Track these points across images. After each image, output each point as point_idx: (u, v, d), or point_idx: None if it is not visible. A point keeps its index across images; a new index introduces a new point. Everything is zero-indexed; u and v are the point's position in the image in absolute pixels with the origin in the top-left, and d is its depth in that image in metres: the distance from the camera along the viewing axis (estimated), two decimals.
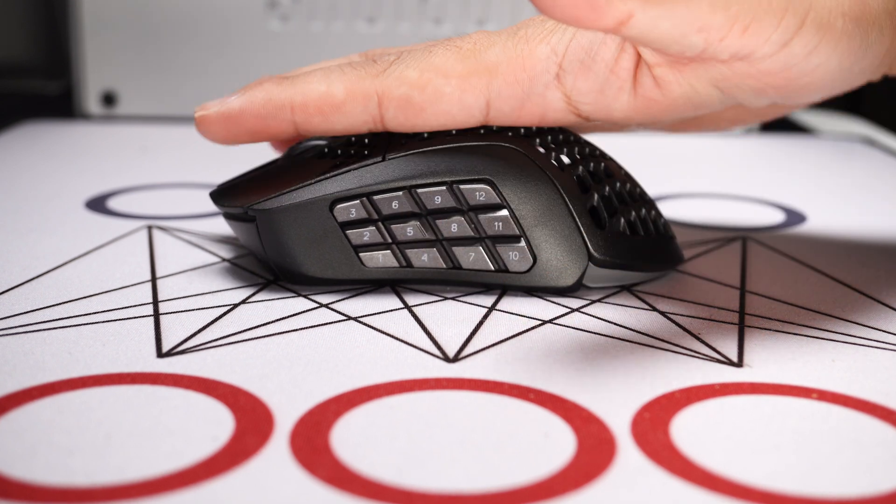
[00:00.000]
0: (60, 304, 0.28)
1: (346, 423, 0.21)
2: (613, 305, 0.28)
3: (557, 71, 0.26)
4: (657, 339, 0.26)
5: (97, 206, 0.39)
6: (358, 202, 0.28)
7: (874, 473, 0.19)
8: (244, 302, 0.28)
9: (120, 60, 0.60)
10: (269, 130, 0.28)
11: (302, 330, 0.26)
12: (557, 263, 0.28)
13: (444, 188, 0.27)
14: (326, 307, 0.28)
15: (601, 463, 0.19)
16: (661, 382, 0.23)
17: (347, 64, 0.28)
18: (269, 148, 0.34)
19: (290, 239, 0.28)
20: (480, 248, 0.28)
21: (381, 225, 0.28)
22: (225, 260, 0.32)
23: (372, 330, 0.26)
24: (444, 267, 0.28)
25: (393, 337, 0.26)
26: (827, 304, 0.29)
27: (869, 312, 0.28)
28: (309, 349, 0.25)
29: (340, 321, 0.27)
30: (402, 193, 0.27)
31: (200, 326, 0.26)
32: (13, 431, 0.20)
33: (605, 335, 0.26)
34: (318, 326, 0.26)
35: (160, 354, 0.24)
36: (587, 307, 0.28)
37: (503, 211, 0.27)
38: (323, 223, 0.28)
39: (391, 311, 0.27)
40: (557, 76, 0.26)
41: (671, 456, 0.20)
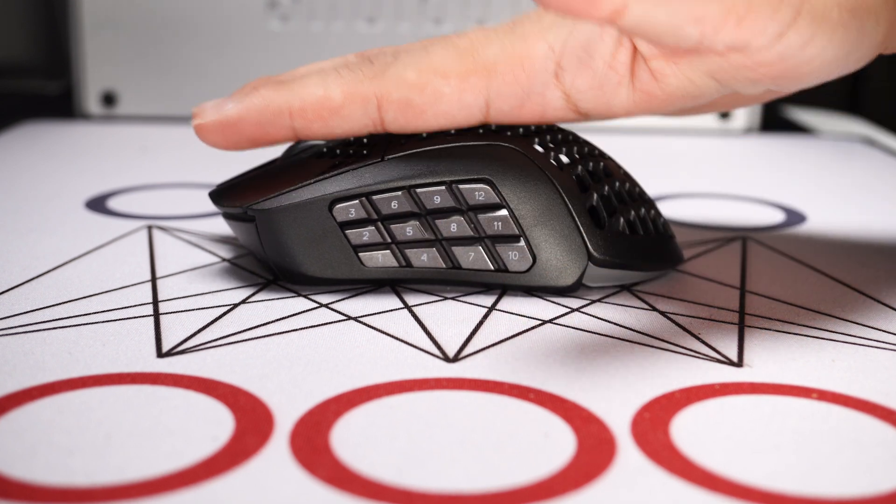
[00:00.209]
0: (60, 304, 0.28)
1: (346, 423, 0.21)
2: (613, 305, 0.28)
3: (556, 69, 0.26)
4: (657, 339, 0.26)
5: (97, 206, 0.39)
6: (357, 202, 0.28)
7: (874, 473, 0.19)
8: (244, 302, 0.28)
9: (120, 60, 0.60)
10: (268, 137, 0.28)
11: (302, 330, 0.26)
12: (557, 263, 0.28)
13: (443, 188, 0.27)
14: (326, 307, 0.28)
15: (601, 463, 0.19)
16: (661, 382, 0.23)
17: (343, 65, 0.28)
18: (265, 148, 0.33)
19: (289, 239, 0.28)
20: (480, 247, 0.28)
21: (380, 225, 0.28)
22: (225, 260, 0.32)
23: (372, 330, 0.26)
24: (443, 267, 0.28)
25: (393, 337, 0.26)
26: (827, 304, 0.29)
27: (869, 312, 0.28)
28: (309, 349, 0.25)
29: (340, 321, 0.27)
30: (401, 193, 0.27)
31: (200, 326, 0.26)
32: (13, 431, 0.20)
33: (605, 335, 0.26)
34: (318, 326, 0.26)
35: (160, 354, 0.24)
36: (587, 307, 0.28)
37: (502, 211, 0.27)
38: (322, 223, 0.28)
39: (391, 311, 0.27)
40: (556, 74, 0.26)
41: (671, 456, 0.20)
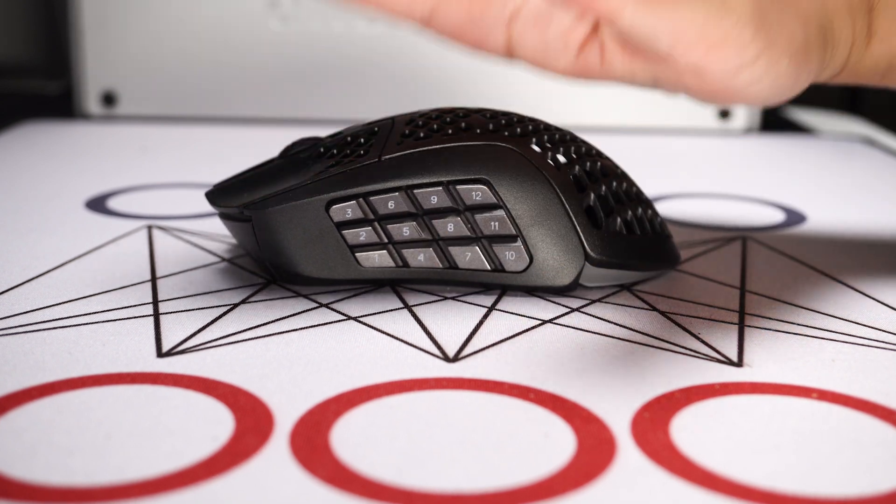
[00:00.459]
0: (60, 304, 0.28)
1: (346, 423, 0.21)
2: (613, 305, 0.28)
3: (511, 15, 0.26)
4: (657, 339, 0.26)
5: (97, 206, 0.39)
6: (354, 202, 0.28)
7: (874, 473, 0.19)
8: (244, 302, 0.28)
9: (120, 60, 0.60)
10: None
11: (302, 330, 0.26)
12: (554, 263, 0.28)
13: (440, 188, 0.27)
14: (326, 307, 0.28)
15: (601, 463, 0.19)
16: (661, 382, 0.23)
17: None
18: (265, 148, 0.33)
19: (285, 239, 0.28)
20: (477, 247, 0.28)
21: (377, 225, 0.28)
22: (225, 260, 0.32)
23: (372, 330, 0.26)
24: (440, 267, 0.28)
25: (393, 337, 0.26)
26: (827, 304, 0.29)
27: (869, 312, 0.28)
28: (309, 349, 0.25)
29: (340, 321, 0.27)
30: (398, 193, 0.27)
31: (200, 326, 0.26)
32: (13, 431, 0.20)
33: (605, 335, 0.26)
34: (318, 326, 0.26)
35: (160, 354, 0.24)
36: (587, 307, 0.28)
37: (499, 210, 0.27)
38: (319, 223, 0.28)
39: (391, 311, 0.27)
40: (510, 19, 0.26)
41: (671, 456, 0.20)
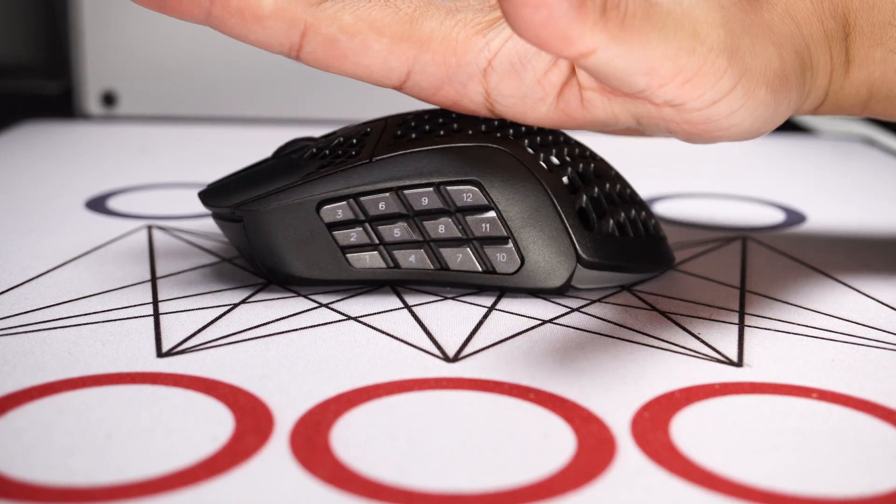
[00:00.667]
0: (60, 304, 0.28)
1: (346, 423, 0.21)
2: (613, 305, 0.28)
3: (486, 67, 0.26)
4: (657, 339, 0.26)
5: (97, 206, 0.39)
6: (345, 203, 0.27)
7: (874, 473, 0.19)
8: (244, 302, 0.28)
9: (120, 60, 0.60)
10: (180, 8, 0.26)
11: (302, 330, 0.26)
12: (545, 265, 0.28)
13: (431, 189, 0.27)
14: (326, 307, 0.28)
15: (601, 463, 0.19)
16: (661, 382, 0.23)
17: None
18: (264, 148, 0.33)
19: (277, 239, 0.28)
20: (468, 249, 0.28)
21: (367, 226, 0.28)
22: (225, 260, 0.32)
23: (372, 330, 0.26)
24: (431, 268, 0.28)
25: (393, 337, 0.26)
26: (827, 304, 0.29)
27: (869, 312, 0.28)
28: (309, 349, 0.25)
29: (340, 321, 0.27)
30: (388, 194, 0.27)
31: (200, 326, 0.26)
32: (13, 431, 0.20)
33: (605, 335, 0.26)
34: (318, 326, 0.26)
35: (160, 354, 0.24)
36: (587, 307, 0.28)
37: (490, 212, 0.27)
38: (310, 224, 0.28)
39: (391, 311, 0.27)
40: (484, 71, 0.26)
41: (671, 456, 0.20)
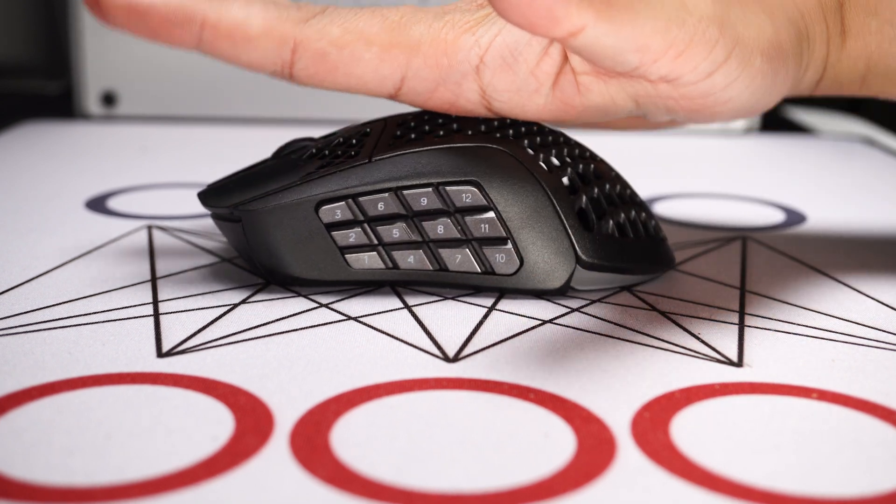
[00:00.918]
0: (60, 304, 0.28)
1: (346, 423, 0.21)
2: (613, 305, 0.28)
3: (478, 63, 0.26)
4: (657, 339, 0.26)
5: (97, 206, 0.39)
6: (343, 203, 0.27)
7: (874, 473, 0.19)
8: (244, 302, 0.28)
9: (120, 60, 0.60)
10: (171, 36, 0.26)
11: (302, 330, 0.26)
12: (545, 266, 0.28)
13: (430, 189, 0.27)
14: (326, 307, 0.28)
15: (601, 463, 0.19)
16: (661, 382, 0.23)
17: (272, 1, 0.27)
18: (264, 148, 0.33)
19: (275, 240, 0.28)
20: (467, 250, 0.28)
21: (366, 226, 0.28)
22: (225, 260, 0.32)
23: (372, 330, 0.26)
24: (430, 269, 0.28)
25: (393, 337, 0.26)
26: (827, 304, 0.29)
27: (869, 312, 0.28)
28: (309, 349, 0.25)
29: (340, 321, 0.27)
30: (387, 195, 0.27)
31: (200, 326, 0.26)
32: (13, 431, 0.20)
33: (605, 335, 0.26)
34: (318, 326, 0.26)
35: (160, 354, 0.24)
36: (587, 307, 0.28)
37: (489, 213, 0.27)
38: (308, 224, 0.28)
39: (391, 311, 0.27)
40: (477, 68, 0.26)
41: (671, 456, 0.20)
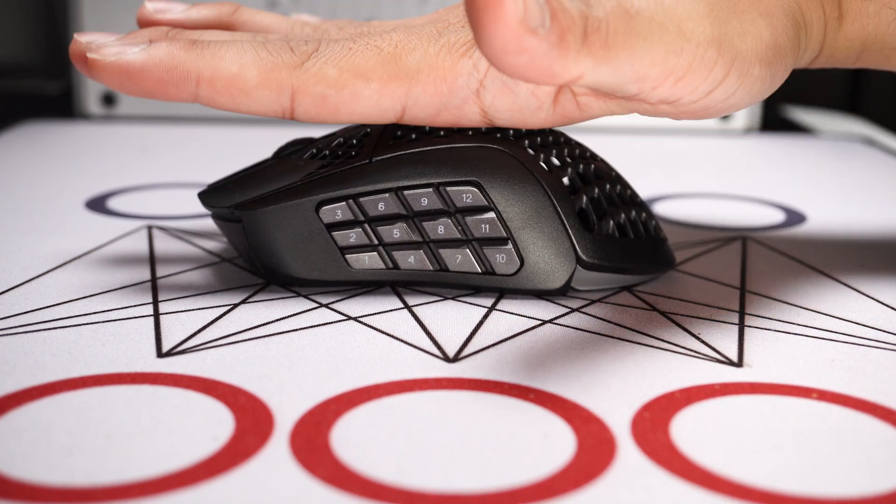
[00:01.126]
0: (60, 304, 0.28)
1: (346, 423, 0.21)
2: (613, 305, 0.28)
3: (478, 87, 0.26)
4: (657, 339, 0.26)
5: (97, 206, 0.39)
6: (344, 204, 0.27)
7: (874, 473, 0.19)
8: (244, 302, 0.28)
9: None
10: (167, 95, 0.26)
11: (302, 330, 0.26)
12: (545, 266, 0.28)
13: (430, 190, 0.27)
14: (326, 307, 0.28)
15: (601, 463, 0.19)
16: (661, 382, 0.23)
17: (262, 44, 0.27)
18: (264, 148, 0.33)
19: (275, 240, 0.28)
20: (467, 250, 0.28)
21: (367, 227, 0.28)
22: (225, 260, 0.32)
23: (372, 330, 0.26)
24: (430, 269, 0.28)
25: (393, 337, 0.26)
26: (827, 304, 0.29)
27: (869, 312, 0.28)
28: (309, 349, 0.25)
29: (340, 321, 0.27)
30: (388, 195, 0.27)
31: (200, 326, 0.26)
32: (13, 431, 0.20)
33: (605, 335, 0.26)
34: (318, 326, 0.26)
35: (160, 354, 0.24)
36: (587, 307, 0.28)
37: (490, 213, 0.27)
38: (309, 224, 0.28)
39: (391, 311, 0.27)
40: (477, 92, 0.26)
41: (671, 456, 0.20)
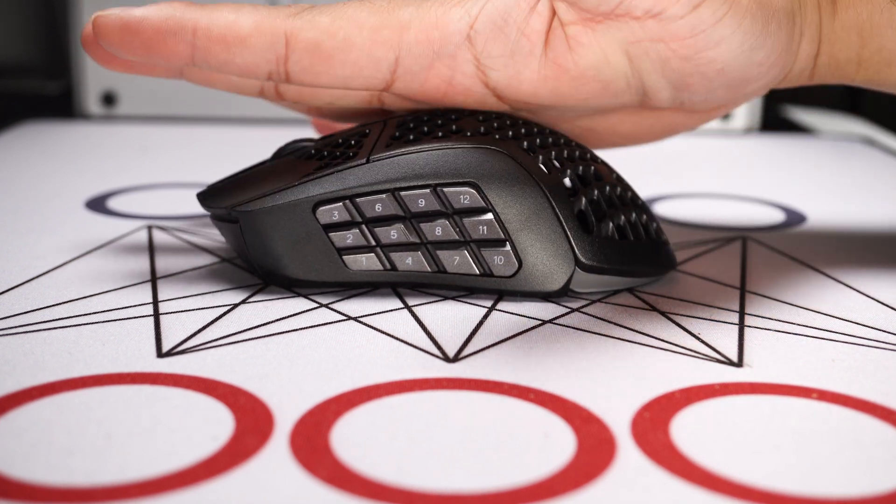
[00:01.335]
0: (60, 304, 0.28)
1: (346, 423, 0.21)
2: (613, 305, 0.28)
3: (469, 31, 0.27)
4: (657, 339, 0.26)
5: (97, 206, 0.39)
6: (341, 204, 0.27)
7: (874, 473, 0.19)
8: (244, 302, 0.28)
9: None
10: (165, 48, 0.27)
11: (302, 330, 0.26)
12: (543, 268, 0.28)
13: (428, 191, 0.27)
14: (326, 307, 0.28)
15: (601, 463, 0.19)
16: (661, 382, 0.23)
17: (260, 5, 0.27)
18: (265, 148, 0.34)
19: (273, 241, 0.28)
20: (465, 251, 0.28)
21: (364, 227, 0.28)
22: (225, 260, 0.32)
23: (372, 330, 0.26)
24: (428, 270, 0.28)
25: (393, 337, 0.26)
26: (827, 304, 0.29)
27: (869, 312, 0.28)
28: (309, 349, 0.25)
29: (340, 321, 0.27)
30: (385, 196, 0.27)
31: (200, 326, 0.26)
32: (13, 431, 0.20)
33: (605, 335, 0.26)
34: (318, 326, 0.26)
35: (160, 354, 0.24)
36: (587, 307, 0.28)
37: (488, 214, 0.27)
38: (306, 225, 0.28)
39: (391, 311, 0.27)
40: (469, 37, 0.27)
41: (671, 456, 0.20)
